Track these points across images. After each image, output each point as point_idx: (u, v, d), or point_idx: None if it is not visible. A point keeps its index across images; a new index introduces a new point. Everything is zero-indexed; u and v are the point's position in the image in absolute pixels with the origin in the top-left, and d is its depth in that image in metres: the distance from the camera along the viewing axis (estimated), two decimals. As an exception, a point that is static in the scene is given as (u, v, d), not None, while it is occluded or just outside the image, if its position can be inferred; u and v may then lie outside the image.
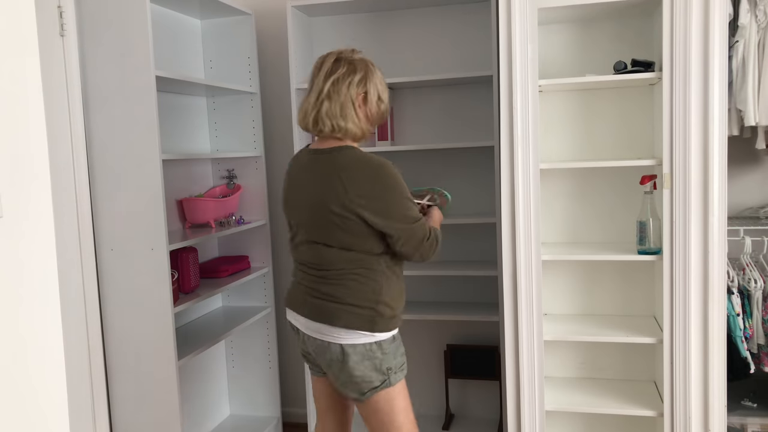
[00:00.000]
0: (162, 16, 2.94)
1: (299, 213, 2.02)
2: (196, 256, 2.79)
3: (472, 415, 3.36)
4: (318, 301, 1.98)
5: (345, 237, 1.92)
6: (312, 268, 2.01)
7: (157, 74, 2.45)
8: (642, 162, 2.31)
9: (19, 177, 1.39)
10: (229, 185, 3.24)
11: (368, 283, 1.94)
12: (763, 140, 2.59)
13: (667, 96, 2.20)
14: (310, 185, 1.97)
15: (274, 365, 3.36)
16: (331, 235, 1.93)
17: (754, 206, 2.83)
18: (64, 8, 2.33)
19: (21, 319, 1.40)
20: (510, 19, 2.26)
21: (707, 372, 2.24)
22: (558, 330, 2.46)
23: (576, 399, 2.48)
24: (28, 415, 1.42)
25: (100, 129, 2.48)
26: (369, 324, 1.93)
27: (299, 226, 2.03)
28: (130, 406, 2.58)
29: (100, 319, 2.51)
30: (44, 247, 1.45)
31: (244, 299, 3.37)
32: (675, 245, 2.22)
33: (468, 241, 3.25)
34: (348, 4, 3.04)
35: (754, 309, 2.48)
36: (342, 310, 1.93)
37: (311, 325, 1.99)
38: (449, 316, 3.05)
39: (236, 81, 3.20)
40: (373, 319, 1.94)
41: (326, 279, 1.97)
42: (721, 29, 2.14)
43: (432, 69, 3.19)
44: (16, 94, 1.39)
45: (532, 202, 2.31)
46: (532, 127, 2.28)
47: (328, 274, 1.96)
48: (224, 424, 3.36)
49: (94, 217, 2.51)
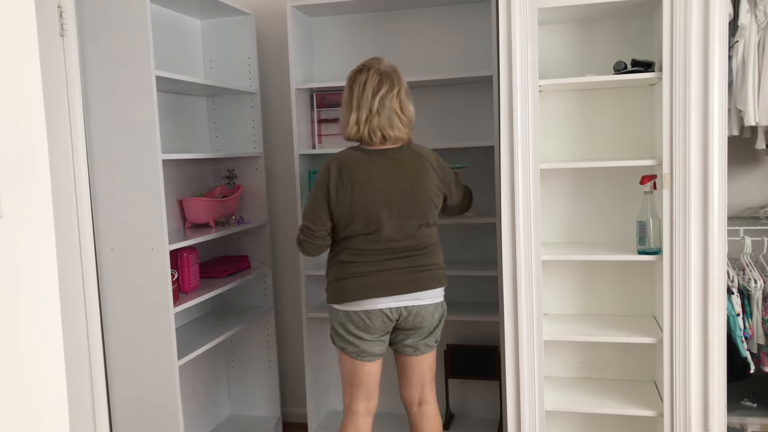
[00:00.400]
0: (162, 16, 2.94)
1: (395, 204, 2.28)
2: (196, 256, 2.79)
3: (472, 415, 3.36)
4: (425, 273, 2.32)
5: (436, 213, 2.35)
6: (411, 249, 2.31)
7: (157, 74, 2.45)
8: (642, 162, 2.31)
9: (19, 177, 1.39)
10: (229, 185, 3.24)
11: (440, 248, 2.41)
12: (763, 140, 2.59)
13: (667, 96, 2.20)
14: (405, 177, 2.29)
15: (274, 365, 3.36)
16: (430, 214, 2.32)
17: (754, 206, 2.83)
18: (64, 8, 2.33)
19: (21, 319, 1.40)
20: (510, 19, 2.26)
21: (707, 372, 2.24)
22: (558, 330, 2.46)
23: (576, 399, 2.48)
24: (28, 415, 1.42)
25: (100, 129, 2.48)
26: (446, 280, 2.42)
27: (397, 215, 2.28)
28: (130, 406, 2.58)
29: (100, 319, 2.51)
30: (44, 247, 1.45)
31: (244, 299, 3.37)
32: (675, 245, 2.22)
33: (468, 241, 3.25)
34: (348, 4, 3.04)
35: (754, 309, 2.48)
36: (442, 274, 2.38)
37: (428, 294, 2.33)
38: (449, 316, 3.04)
39: (236, 81, 3.20)
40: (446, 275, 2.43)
41: (424, 253, 2.33)
42: (721, 29, 2.14)
43: (432, 69, 3.19)
44: (16, 94, 1.39)
45: (532, 202, 2.31)
46: (532, 127, 2.28)
47: (426, 250, 2.34)
48: (224, 424, 3.36)
49: (94, 217, 2.51)
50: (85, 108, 2.46)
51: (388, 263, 2.29)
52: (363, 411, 2.42)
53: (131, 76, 2.43)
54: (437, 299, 2.36)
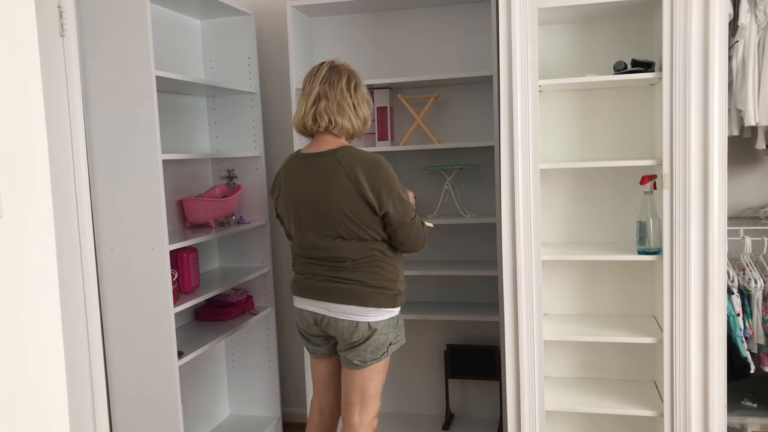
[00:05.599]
0: (162, 16, 2.94)
1: (309, 213, 2.22)
2: (196, 256, 2.79)
3: (472, 415, 3.36)
4: (337, 285, 2.22)
5: (356, 228, 2.17)
6: (329, 259, 2.23)
7: (157, 74, 2.45)
8: (642, 162, 2.31)
9: (19, 177, 1.39)
10: (229, 185, 3.24)
11: (387, 267, 2.23)
12: (763, 140, 2.59)
13: (667, 96, 2.20)
14: (316, 185, 2.20)
15: (274, 365, 3.36)
16: (341, 227, 2.18)
17: (754, 206, 2.83)
18: (64, 8, 2.33)
19: (21, 318, 1.40)
20: (510, 19, 2.26)
21: (707, 372, 2.24)
22: (558, 330, 2.46)
23: (576, 399, 2.48)
24: (28, 414, 1.42)
25: (100, 129, 2.48)
26: (392, 301, 2.24)
27: (309, 224, 2.23)
28: (130, 406, 2.58)
29: (100, 319, 2.51)
30: (44, 247, 1.45)
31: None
32: (675, 245, 2.22)
33: (468, 241, 3.25)
34: (348, 4, 3.04)
35: (754, 309, 2.48)
36: (366, 292, 2.20)
37: (339, 308, 2.22)
38: (449, 316, 3.05)
39: (236, 81, 3.20)
40: (395, 297, 2.25)
41: (343, 267, 2.21)
42: (721, 29, 2.14)
43: (432, 69, 3.19)
44: (16, 94, 1.39)
45: (532, 202, 2.31)
46: (532, 127, 2.28)
47: (347, 264, 2.20)
48: (224, 424, 3.36)
49: (94, 217, 2.51)
50: (85, 108, 2.46)
51: (311, 267, 2.27)
52: (317, 409, 2.48)
53: (131, 76, 2.43)
54: (353, 317, 2.20)
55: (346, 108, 2.21)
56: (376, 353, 2.23)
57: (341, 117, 2.20)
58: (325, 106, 2.19)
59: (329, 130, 2.22)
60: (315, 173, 2.20)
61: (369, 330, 2.21)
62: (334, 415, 2.48)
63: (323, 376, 2.44)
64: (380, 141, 3.16)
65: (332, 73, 2.23)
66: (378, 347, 2.23)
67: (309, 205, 2.21)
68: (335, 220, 2.17)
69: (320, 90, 2.21)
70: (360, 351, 2.22)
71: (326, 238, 2.21)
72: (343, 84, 2.21)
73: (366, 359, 2.23)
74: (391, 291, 2.23)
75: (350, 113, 2.22)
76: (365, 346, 2.21)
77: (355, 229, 2.17)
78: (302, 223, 2.25)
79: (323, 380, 2.44)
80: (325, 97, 2.20)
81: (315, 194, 2.19)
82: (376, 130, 3.16)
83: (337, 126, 2.21)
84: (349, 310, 2.21)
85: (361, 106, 2.26)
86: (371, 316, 2.21)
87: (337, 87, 2.20)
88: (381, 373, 2.28)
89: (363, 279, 2.20)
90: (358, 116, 2.24)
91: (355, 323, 2.21)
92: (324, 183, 2.18)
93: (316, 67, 2.27)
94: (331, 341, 2.35)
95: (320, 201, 2.18)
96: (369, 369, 2.24)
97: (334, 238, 2.20)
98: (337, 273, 2.22)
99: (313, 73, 2.25)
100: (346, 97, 2.21)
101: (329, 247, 2.21)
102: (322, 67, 2.25)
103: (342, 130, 2.22)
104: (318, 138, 2.26)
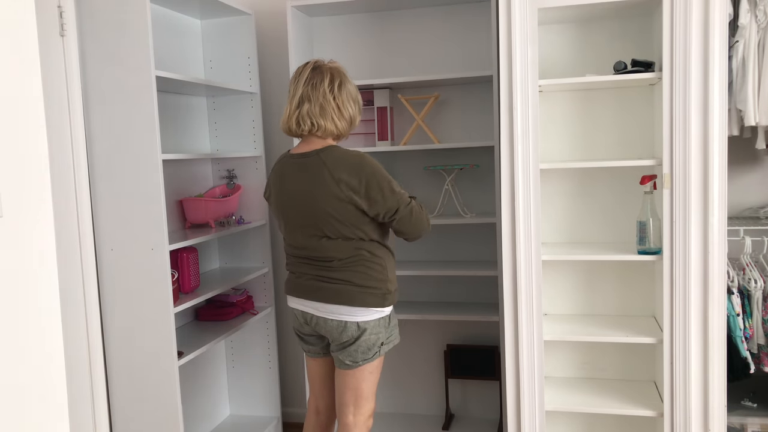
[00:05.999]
0: (162, 16, 2.94)
1: (295, 212, 2.23)
2: (196, 256, 2.79)
3: (472, 415, 3.36)
4: (325, 285, 2.22)
5: (341, 227, 2.17)
6: (316, 259, 2.23)
7: (157, 74, 2.45)
8: (642, 162, 2.31)
9: (19, 177, 1.39)
10: (229, 185, 3.24)
11: (374, 267, 2.21)
12: (763, 140, 2.59)
13: (667, 96, 2.20)
14: (302, 186, 2.20)
15: (274, 365, 3.36)
16: (330, 228, 2.18)
17: (754, 206, 2.83)
18: (64, 8, 2.33)
19: (21, 318, 1.40)
20: (510, 19, 2.26)
21: (707, 372, 2.24)
22: (558, 330, 2.46)
23: (576, 399, 2.48)
24: (28, 414, 1.42)
25: (100, 129, 2.48)
26: (381, 300, 2.22)
27: (296, 224, 2.24)
28: (130, 406, 2.58)
29: (100, 319, 2.51)
30: (44, 247, 1.45)
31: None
32: (675, 245, 2.22)
33: (468, 241, 3.25)
34: (348, 4, 3.04)
35: (754, 309, 2.48)
36: (355, 292, 2.19)
37: (327, 308, 2.22)
38: (449, 316, 3.05)
39: (236, 81, 3.20)
40: (384, 296, 2.23)
41: (331, 266, 2.21)
42: (721, 29, 2.14)
43: (432, 69, 3.19)
44: (16, 94, 1.39)
45: (532, 202, 2.31)
46: (532, 127, 2.28)
47: (334, 263, 2.20)
48: (224, 424, 3.36)
49: (94, 217, 2.51)
50: (85, 108, 2.46)
51: (301, 266, 2.28)
52: (313, 408, 2.49)
53: (131, 76, 2.43)
54: (341, 317, 2.20)
55: (328, 110, 2.19)
56: (367, 353, 2.22)
57: (324, 119, 2.19)
58: (308, 109, 2.19)
59: (313, 132, 2.22)
60: (301, 173, 2.21)
61: (358, 330, 2.20)
62: (331, 415, 2.48)
63: (318, 375, 2.45)
64: (380, 141, 3.16)
65: (315, 74, 2.21)
66: (369, 347, 2.22)
67: (296, 205, 2.22)
68: (321, 220, 2.17)
69: (303, 92, 2.20)
70: (351, 351, 2.22)
71: (313, 237, 2.21)
72: (326, 85, 2.19)
73: (357, 359, 2.22)
74: (380, 290, 2.22)
75: (333, 115, 2.20)
76: (356, 347, 2.21)
77: (341, 229, 2.17)
78: (291, 222, 2.26)
79: (318, 379, 2.45)
80: (308, 100, 2.19)
81: (301, 194, 2.20)
82: (376, 130, 3.16)
83: (320, 129, 2.20)
84: (337, 309, 2.21)
85: (346, 106, 2.23)
86: (360, 316, 2.20)
87: (320, 89, 2.19)
88: (374, 373, 2.28)
89: (350, 279, 2.19)
90: (342, 117, 2.22)
91: (343, 323, 2.20)
92: (309, 183, 2.18)
93: (300, 68, 2.25)
94: (325, 341, 2.35)
95: (306, 201, 2.19)
96: (361, 369, 2.24)
97: (320, 237, 2.20)
98: (325, 272, 2.22)
99: (297, 75, 2.24)
100: (329, 99, 2.19)
101: (316, 246, 2.21)
102: (305, 68, 2.23)
103: (326, 132, 2.22)
104: (305, 139, 2.27)
